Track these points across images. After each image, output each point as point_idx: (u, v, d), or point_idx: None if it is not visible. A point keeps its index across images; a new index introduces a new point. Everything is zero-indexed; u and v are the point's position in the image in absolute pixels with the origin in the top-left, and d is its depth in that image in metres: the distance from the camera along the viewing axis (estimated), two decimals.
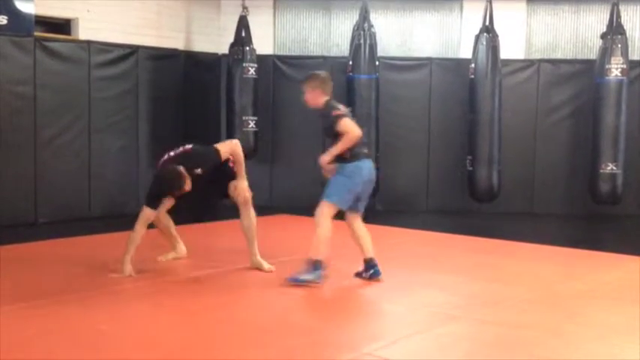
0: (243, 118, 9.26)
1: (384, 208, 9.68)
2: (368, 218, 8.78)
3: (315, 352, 4.02)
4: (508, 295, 5.31)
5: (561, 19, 9.92)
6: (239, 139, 9.14)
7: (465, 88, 9.24)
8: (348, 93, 9.21)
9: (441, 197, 9.78)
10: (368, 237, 5.69)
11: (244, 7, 9.33)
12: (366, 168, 5.56)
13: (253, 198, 5.86)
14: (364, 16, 9.13)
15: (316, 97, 5.70)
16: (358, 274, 5.62)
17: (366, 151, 5.71)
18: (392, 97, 9.59)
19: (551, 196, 9.67)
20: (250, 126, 9.30)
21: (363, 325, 4.56)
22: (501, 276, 5.93)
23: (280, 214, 9.04)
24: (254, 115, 9.33)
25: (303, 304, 4.95)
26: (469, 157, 9.10)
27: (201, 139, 5.92)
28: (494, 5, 9.00)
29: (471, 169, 9.08)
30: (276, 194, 9.92)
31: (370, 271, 5.57)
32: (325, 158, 5.53)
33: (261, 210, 9.04)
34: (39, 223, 8.04)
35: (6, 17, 7.73)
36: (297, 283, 5.30)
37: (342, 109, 5.63)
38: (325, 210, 5.48)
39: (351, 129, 5.44)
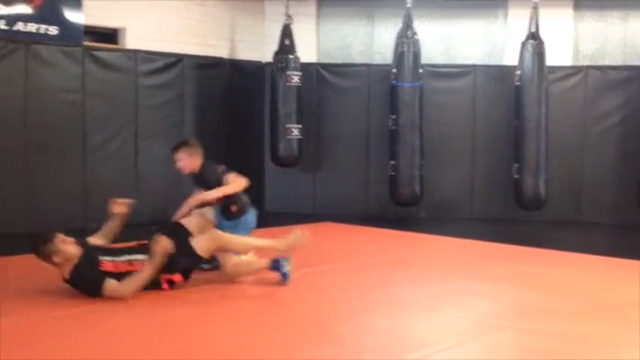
0: (287, 126, 9.31)
1: (428, 215, 9.63)
2: (411, 225, 8.85)
3: None
4: (555, 304, 5.22)
5: (609, 24, 9.76)
6: (283, 147, 9.33)
7: (510, 96, 9.15)
8: (391, 101, 9.20)
9: (485, 205, 9.68)
10: None
11: (288, 16, 9.40)
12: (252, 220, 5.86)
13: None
14: (407, 24, 9.10)
15: (194, 162, 5.79)
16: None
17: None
18: (436, 104, 9.55)
19: (599, 204, 9.50)
20: (294, 134, 9.34)
21: (408, 334, 4.53)
22: (548, 285, 5.84)
23: (324, 222, 9.04)
24: (298, 123, 9.37)
25: (346, 312, 4.94)
26: (515, 165, 9.00)
27: (245, 147, 5.92)
28: (541, 11, 8.90)
29: (517, 177, 8.98)
30: (320, 202, 9.94)
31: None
32: (201, 199, 5.65)
33: (305, 218, 9.15)
34: (88, 229, 8.17)
35: (57, 28, 7.91)
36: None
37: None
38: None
39: (239, 179, 5.67)
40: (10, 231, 7.57)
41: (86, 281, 5.01)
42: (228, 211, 5.66)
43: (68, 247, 5.01)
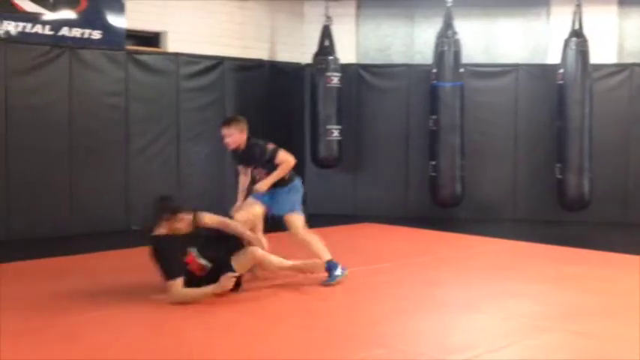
0: (327, 127, 9.31)
1: (469, 216, 9.55)
2: (452, 226, 8.78)
3: None
4: (600, 306, 5.14)
5: None
6: (323, 148, 9.33)
7: (552, 95, 9.03)
8: (432, 101, 9.14)
9: (528, 205, 9.56)
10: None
11: (327, 17, 9.40)
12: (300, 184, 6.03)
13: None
14: (448, 23, 9.04)
15: (242, 137, 5.84)
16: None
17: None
18: (477, 104, 9.46)
19: None
20: (334, 135, 9.34)
21: (452, 335, 4.49)
22: (593, 287, 5.74)
23: (364, 223, 9.03)
24: (338, 124, 9.37)
25: (389, 313, 4.92)
26: (558, 165, 8.87)
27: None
28: (584, 8, 8.77)
29: (560, 177, 8.85)
30: (360, 203, 9.92)
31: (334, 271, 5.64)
32: (260, 189, 5.75)
33: (346, 219, 9.15)
34: (131, 230, 8.29)
35: (100, 32, 8.04)
36: (331, 282, 5.53)
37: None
38: (298, 222, 5.76)
39: (289, 158, 5.85)
40: (55, 233, 7.71)
41: (166, 262, 5.00)
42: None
43: (179, 225, 5.08)
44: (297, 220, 5.77)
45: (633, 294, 5.50)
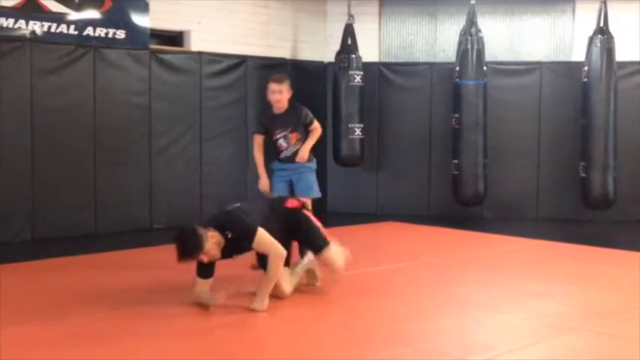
0: (350, 125, 9.31)
1: (492, 215, 9.50)
2: (475, 225, 8.74)
3: None
4: (625, 306, 5.09)
5: None
6: (345, 147, 9.33)
7: (577, 92, 8.94)
8: (454, 99, 9.11)
9: (551, 204, 9.48)
10: None
11: (350, 15, 9.40)
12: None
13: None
14: (471, 21, 8.99)
15: (288, 97, 5.96)
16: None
17: None
18: (500, 102, 9.41)
19: None
20: (356, 133, 9.34)
21: (474, 334, 4.48)
22: (617, 286, 5.69)
23: (387, 221, 9.01)
24: (360, 122, 9.36)
25: (411, 311, 4.91)
26: (582, 164, 8.79)
27: None
28: (610, 5, 8.68)
29: (584, 175, 8.77)
30: (383, 201, 9.90)
31: None
32: (305, 157, 5.89)
33: (368, 218, 9.15)
34: (154, 229, 8.35)
35: (124, 31, 8.09)
36: None
37: None
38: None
39: (319, 126, 6.02)
40: (80, 232, 7.79)
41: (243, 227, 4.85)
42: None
43: (212, 253, 4.78)
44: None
45: None
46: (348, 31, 9.40)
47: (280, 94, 5.92)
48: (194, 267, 4.90)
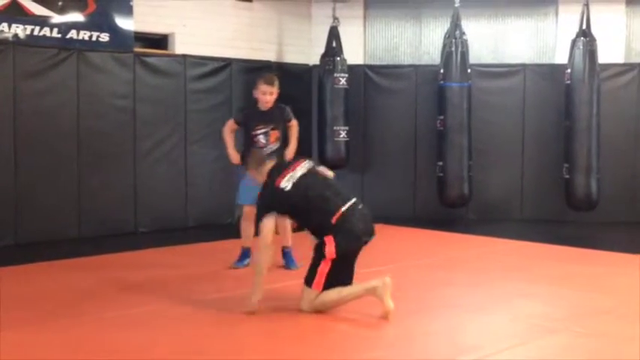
0: (335, 128, 9.32)
1: (476, 216, 9.54)
2: (460, 227, 8.77)
3: None
4: (609, 306, 5.13)
5: None
6: (330, 149, 9.34)
7: (560, 95, 9.00)
8: (439, 101, 9.14)
9: (535, 206, 9.54)
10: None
11: (335, 18, 9.41)
12: None
13: None
14: (455, 24, 9.03)
15: (276, 97, 6.18)
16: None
17: None
18: (484, 104, 9.45)
19: None
20: (341, 136, 9.35)
21: (461, 336, 4.50)
22: (601, 287, 5.74)
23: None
24: (345, 125, 9.37)
25: (397, 314, 4.92)
26: (565, 165, 8.85)
27: None
28: (592, 8, 8.75)
29: (567, 177, 8.83)
30: (368, 204, 9.80)
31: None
32: (292, 154, 6.13)
33: None
34: (139, 232, 8.32)
35: (108, 34, 8.06)
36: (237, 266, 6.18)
37: None
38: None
39: (296, 123, 6.34)
40: (64, 236, 7.74)
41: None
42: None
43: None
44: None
45: None
46: (333, 34, 9.41)
47: (271, 96, 6.11)
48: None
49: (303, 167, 5.02)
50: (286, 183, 4.88)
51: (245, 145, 6.21)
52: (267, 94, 6.08)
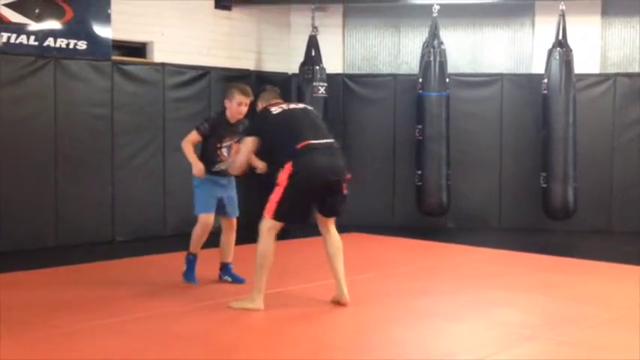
0: None
1: (455, 225, 9.59)
2: (439, 235, 8.80)
3: None
4: (585, 314, 5.17)
5: (638, 31, 9.65)
6: None
7: (537, 104, 9.10)
8: (418, 111, 9.19)
9: (513, 214, 9.60)
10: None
11: (314, 27, 9.44)
12: None
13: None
14: (434, 33, 9.10)
15: None
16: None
17: None
18: (463, 114, 9.52)
19: (629, 213, 9.37)
20: None
21: (436, 344, 4.51)
22: (578, 295, 5.78)
23: (351, 232, 9.01)
24: None
25: (374, 322, 4.93)
26: (543, 174, 8.93)
27: None
28: (568, 19, 8.85)
29: (545, 185, 8.91)
30: (346, 212, 9.81)
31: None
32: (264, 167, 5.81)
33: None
34: (116, 242, 8.26)
35: (85, 42, 8.02)
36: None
37: None
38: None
39: None
40: (40, 245, 7.67)
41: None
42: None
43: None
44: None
45: (617, 302, 5.53)
46: (312, 43, 9.44)
47: (245, 107, 5.93)
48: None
49: (299, 105, 5.48)
50: (277, 109, 5.26)
51: (204, 157, 5.95)
52: (242, 106, 5.86)
